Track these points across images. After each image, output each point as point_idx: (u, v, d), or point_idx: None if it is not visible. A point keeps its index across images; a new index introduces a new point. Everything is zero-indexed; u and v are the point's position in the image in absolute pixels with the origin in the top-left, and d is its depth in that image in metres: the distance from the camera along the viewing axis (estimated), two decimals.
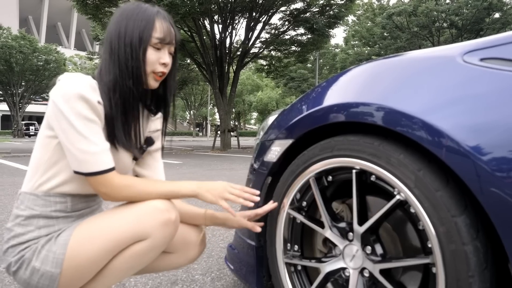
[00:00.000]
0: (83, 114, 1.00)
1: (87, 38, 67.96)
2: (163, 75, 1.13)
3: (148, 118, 1.26)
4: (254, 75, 46.44)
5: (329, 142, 1.09)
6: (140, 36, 1.08)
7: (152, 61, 1.09)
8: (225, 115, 14.83)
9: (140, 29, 1.08)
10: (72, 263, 1.03)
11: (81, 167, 1.02)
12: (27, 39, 31.10)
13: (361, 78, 1.10)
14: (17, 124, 34.76)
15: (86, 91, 1.00)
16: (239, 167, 7.47)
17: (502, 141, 0.74)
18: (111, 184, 1.05)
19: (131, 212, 1.06)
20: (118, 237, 1.04)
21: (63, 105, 0.99)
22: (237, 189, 1.15)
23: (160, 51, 1.11)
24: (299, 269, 1.25)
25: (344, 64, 28.44)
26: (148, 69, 1.10)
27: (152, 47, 1.09)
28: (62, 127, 1.00)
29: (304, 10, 14.64)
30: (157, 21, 1.09)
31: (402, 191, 0.90)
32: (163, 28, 1.10)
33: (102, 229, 1.05)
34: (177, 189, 1.12)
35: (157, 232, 1.05)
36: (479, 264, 0.79)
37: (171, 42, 1.12)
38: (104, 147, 1.04)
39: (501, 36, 0.87)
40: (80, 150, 1.00)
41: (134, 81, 1.08)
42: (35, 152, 1.09)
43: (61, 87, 1.01)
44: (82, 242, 1.04)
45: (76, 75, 1.04)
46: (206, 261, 2.07)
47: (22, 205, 1.08)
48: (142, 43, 1.08)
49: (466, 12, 21.73)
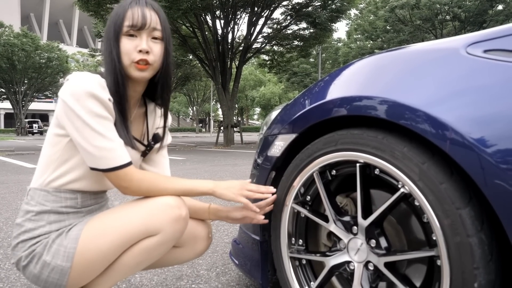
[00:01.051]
0: (96, 111, 1.00)
1: (89, 35, 67.96)
2: (147, 63, 1.07)
3: (154, 113, 1.26)
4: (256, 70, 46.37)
5: (332, 136, 1.09)
6: (114, 28, 1.07)
7: (128, 50, 1.06)
8: (228, 110, 14.83)
9: (114, 21, 1.07)
10: (82, 257, 1.04)
11: (100, 163, 1.02)
12: (29, 36, 31.15)
13: (364, 71, 1.10)
14: (20, 122, 34.87)
15: (96, 89, 1.01)
16: (242, 163, 7.48)
17: (506, 133, 0.74)
18: (131, 178, 1.06)
19: (142, 208, 1.08)
20: (129, 231, 1.05)
21: (75, 104, 0.99)
22: (253, 186, 1.18)
23: (136, 39, 1.07)
24: (303, 263, 1.25)
25: (346, 58, 28.30)
26: (125, 60, 1.06)
27: (125, 36, 1.06)
28: (75, 126, 1.00)
29: (306, 4, 14.59)
30: (129, 10, 1.07)
31: (407, 184, 0.90)
32: (134, 14, 1.06)
33: (113, 224, 1.07)
34: (194, 187, 1.13)
35: (167, 228, 1.06)
36: (484, 256, 0.79)
37: (145, 27, 1.06)
38: (119, 142, 1.05)
39: (505, 28, 0.86)
40: (97, 147, 1.01)
41: (114, 75, 1.07)
42: (45, 149, 1.11)
43: (70, 86, 1.01)
44: (93, 237, 1.05)
45: (85, 73, 1.04)
46: (211, 256, 2.08)
47: (32, 201, 1.09)
48: (115, 34, 1.06)
49: (469, 4, 21.56)
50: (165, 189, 1.10)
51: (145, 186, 1.09)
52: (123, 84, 1.08)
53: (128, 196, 1.12)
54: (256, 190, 1.17)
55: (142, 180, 1.08)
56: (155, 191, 1.10)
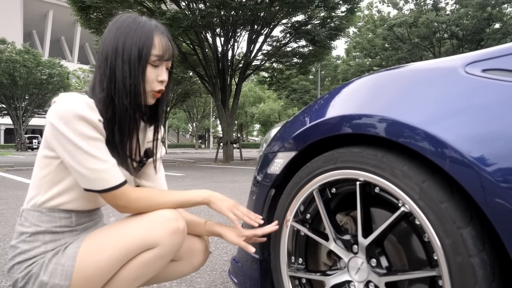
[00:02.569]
0: (86, 134, 0.99)
1: (90, 52, 68.63)
2: (161, 92, 1.12)
3: (146, 129, 1.26)
4: (256, 87, 46.66)
5: (332, 154, 1.09)
6: (140, 54, 1.05)
7: (151, 79, 1.08)
8: (227, 127, 14.86)
9: (139, 46, 1.05)
10: (81, 274, 1.03)
11: (94, 185, 1.01)
12: (31, 53, 31.40)
13: (363, 89, 1.10)
14: (20, 138, 34.89)
15: (85, 111, 0.99)
16: (241, 179, 7.45)
17: (506, 152, 0.74)
18: (128, 197, 1.06)
19: (140, 222, 1.07)
20: (126, 245, 1.04)
21: (64, 128, 0.97)
22: (244, 209, 1.18)
23: (158, 68, 1.09)
24: (303, 282, 1.23)
25: (345, 75, 28.49)
26: (147, 88, 1.09)
27: (150, 65, 1.07)
28: (66, 149, 0.99)
29: (306, 22, 14.76)
30: (155, 37, 1.07)
31: (407, 203, 0.89)
32: (162, 45, 1.08)
33: (110, 239, 1.06)
34: (190, 197, 1.14)
35: (166, 241, 1.06)
36: (486, 277, 0.78)
37: (169, 59, 1.11)
38: (113, 162, 1.05)
39: (503, 47, 0.87)
40: (91, 169, 1.00)
41: (131, 99, 1.06)
42: (36, 171, 1.09)
43: (58, 109, 0.99)
44: (91, 253, 1.04)
45: (72, 95, 1.02)
46: (209, 275, 2.05)
47: (26, 222, 1.07)
48: (141, 61, 1.06)
49: (467, 22, 21.83)
50: (163, 203, 1.10)
51: (143, 203, 1.09)
52: (134, 107, 1.08)
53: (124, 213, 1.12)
54: (245, 213, 1.17)
55: (139, 198, 1.08)
56: (153, 206, 1.10)
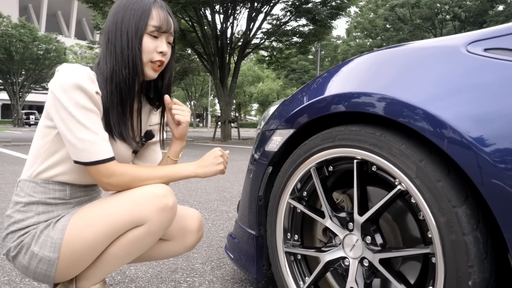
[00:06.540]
0: (82, 103, 1.00)
1: (87, 27, 67.58)
2: (161, 65, 1.13)
3: (150, 112, 1.27)
4: (255, 66, 46.26)
5: (330, 132, 1.09)
6: (137, 25, 1.08)
7: (149, 49, 1.09)
8: (225, 106, 14.80)
9: (136, 18, 1.08)
10: (69, 248, 1.04)
11: (82, 156, 1.02)
12: (27, 27, 30.97)
13: (363, 68, 1.10)
14: (17, 113, 34.74)
15: (84, 81, 1.01)
16: (239, 158, 7.47)
17: (504, 132, 0.74)
18: (112, 173, 1.06)
19: (128, 198, 1.07)
20: (114, 222, 1.05)
21: (62, 95, 0.99)
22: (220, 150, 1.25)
23: (157, 40, 1.11)
24: (299, 258, 1.25)
25: (345, 55, 28.28)
26: (144, 58, 1.09)
27: (148, 35, 1.09)
28: (61, 116, 1.00)
29: (306, 0, 14.53)
30: (153, 9, 1.09)
31: (403, 181, 0.90)
32: (160, 17, 1.10)
33: (99, 215, 1.06)
34: (177, 172, 1.16)
35: (153, 218, 1.06)
36: (479, 255, 0.79)
37: (169, 31, 1.12)
38: (104, 136, 1.04)
39: (505, 27, 0.86)
40: (80, 139, 1.00)
41: (130, 70, 1.08)
42: (35, 141, 1.10)
43: (59, 78, 1.01)
44: (79, 228, 1.05)
45: (75, 65, 1.04)
46: (206, 250, 2.08)
47: (21, 192, 1.09)
48: (138, 31, 1.08)
49: (470, 4, 21.57)
50: (148, 178, 1.10)
51: (127, 179, 1.08)
52: (133, 79, 1.09)
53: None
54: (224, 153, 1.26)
55: (123, 173, 1.07)
56: (138, 182, 1.09)
